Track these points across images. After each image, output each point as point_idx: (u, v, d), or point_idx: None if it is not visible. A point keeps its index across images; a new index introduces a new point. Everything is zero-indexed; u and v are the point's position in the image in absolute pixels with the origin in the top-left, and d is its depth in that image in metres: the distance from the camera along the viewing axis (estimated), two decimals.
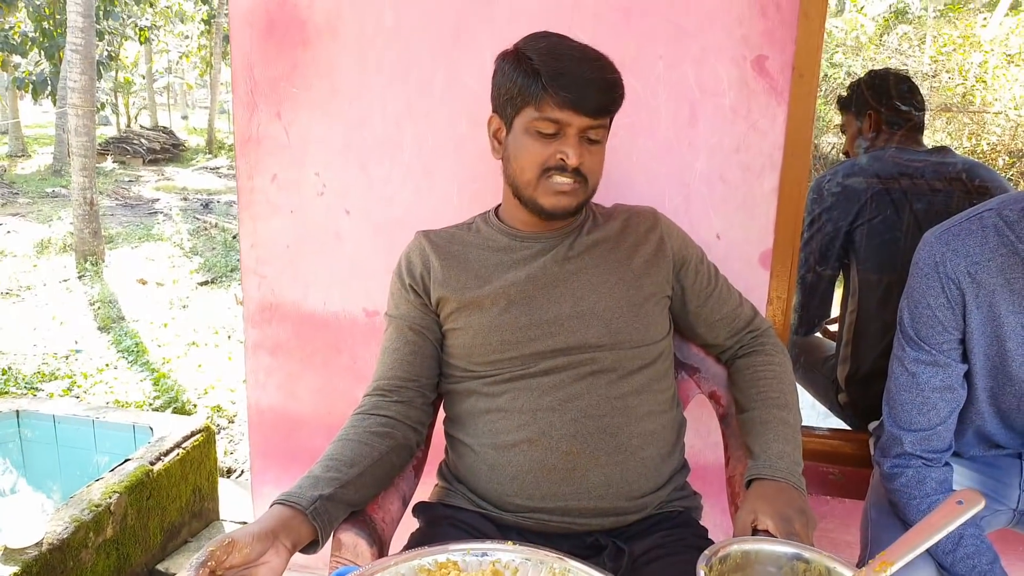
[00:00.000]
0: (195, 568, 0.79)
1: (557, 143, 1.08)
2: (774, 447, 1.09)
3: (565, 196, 1.11)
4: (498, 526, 1.13)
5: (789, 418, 1.15)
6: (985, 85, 5.24)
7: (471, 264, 1.19)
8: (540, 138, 1.09)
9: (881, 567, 0.79)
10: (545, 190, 1.11)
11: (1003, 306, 1.13)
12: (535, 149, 1.09)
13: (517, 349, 1.13)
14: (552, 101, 1.05)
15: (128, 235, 8.27)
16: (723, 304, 1.25)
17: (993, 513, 1.29)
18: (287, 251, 1.69)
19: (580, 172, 1.10)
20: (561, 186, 1.10)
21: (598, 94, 1.06)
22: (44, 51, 12.09)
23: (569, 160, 1.07)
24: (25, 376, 4.29)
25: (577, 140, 1.08)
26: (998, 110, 5.21)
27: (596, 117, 1.08)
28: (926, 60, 5.45)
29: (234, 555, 0.82)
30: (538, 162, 1.09)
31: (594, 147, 1.11)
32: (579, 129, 1.07)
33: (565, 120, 1.06)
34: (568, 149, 1.07)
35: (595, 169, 1.12)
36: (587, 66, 1.07)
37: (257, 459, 1.84)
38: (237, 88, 1.63)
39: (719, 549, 0.83)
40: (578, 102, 1.05)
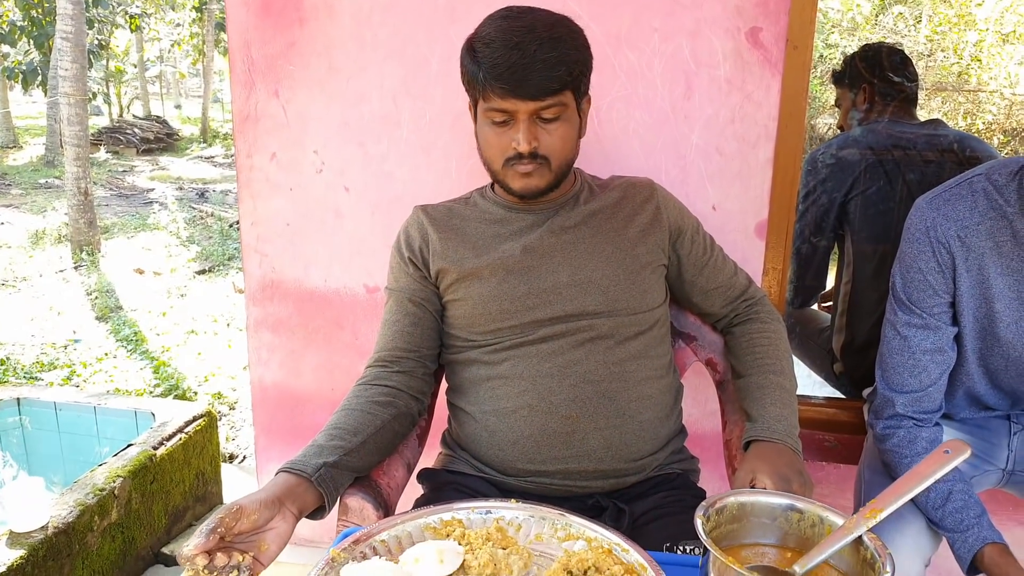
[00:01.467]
0: (205, 534, 0.80)
1: (511, 130, 1.10)
2: (771, 411, 1.12)
3: (530, 178, 1.13)
4: (501, 490, 1.15)
5: (785, 383, 1.18)
6: (980, 64, 5.24)
7: (469, 236, 1.21)
8: (495, 127, 1.11)
9: (871, 514, 0.82)
10: (512, 175, 1.14)
11: (992, 269, 1.15)
12: (493, 139, 1.12)
13: (516, 318, 1.15)
14: (493, 92, 1.07)
15: (124, 225, 8.25)
16: (719, 273, 1.27)
17: (983, 473, 1.32)
18: (287, 229, 1.71)
19: (538, 154, 1.11)
20: (524, 169, 1.12)
21: (538, 78, 1.05)
22: (33, 40, 11.99)
23: (520, 147, 1.09)
24: (24, 366, 4.30)
25: (528, 125, 1.09)
26: (993, 89, 5.22)
27: (541, 99, 1.07)
28: (921, 39, 5.44)
29: (242, 521, 0.84)
30: (499, 151, 1.12)
31: (551, 125, 1.10)
32: (527, 113, 1.08)
33: (511, 108, 1.08)
34: (518, 136, 1.09)
35: (555, 147, 1.12)
36: (523, 50, 1.04)
37: (261, 436, 1.87)
38: (234, 67, 1.64)
39: (716, 501, 0.86)
40: (516, 89, 1.05)
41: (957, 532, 1.13)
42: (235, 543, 0.84)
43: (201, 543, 0.79)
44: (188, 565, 0.79)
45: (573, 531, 0.92)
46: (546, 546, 0.91)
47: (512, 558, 0.87)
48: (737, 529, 0.88)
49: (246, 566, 0.82)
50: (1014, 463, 1.31)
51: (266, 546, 0.86)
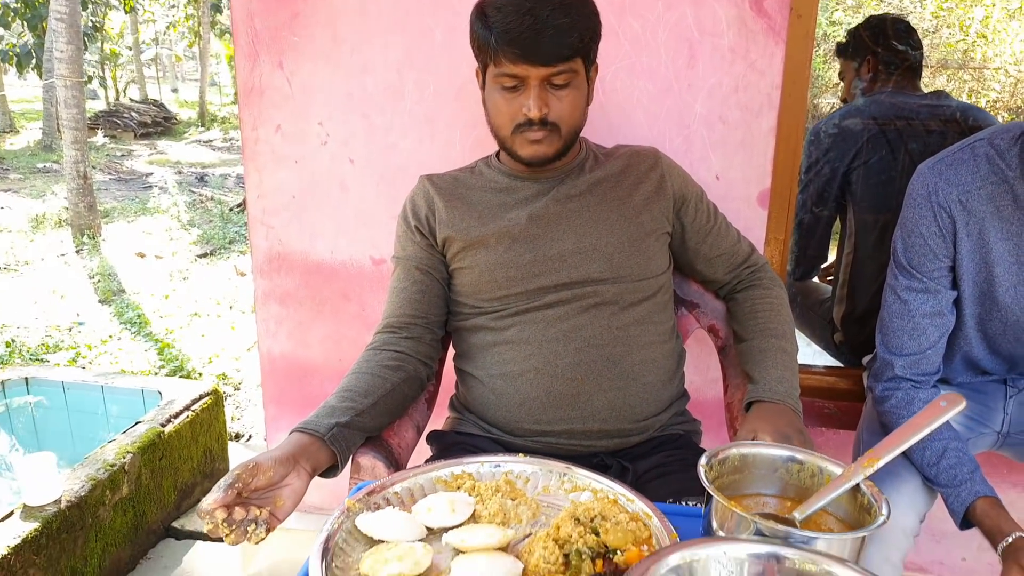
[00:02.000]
0: (223, 490, 0.82)
1: (521, 96, 1.11)
2: (772, 373, 1.14)
3: (540, 145, 1.14)
4: (508, 450, 1.18)
5: (786, 346, 1.20)
6: (986, 40, 5.21)
7: (475, 205, 1.22)
8: (505, 92, 1.12)
9: (869, 463, 0.84)
10: (521, 142, 1.14)
11: (992, 233, 1.17)
12: (502, 105, 1.13)
13: (522, 284, 1.17)
14: (505, 57, 1.07)
15: (124, 209, 8.24)
16: (722, 241, 1.29)
17: (978, 436, 1.35)
18: (293, 201, 1.72)
19: (548, 121, 1.11)
20: (534, 136, 1.13)
21: (550, 44, 1.06)
22: (27, 22, 11.89)
23: (530, 113, 1.10)
24: (30, 348, 4.33)
25: (539, 91, 1.09)
26: (998, 66, 5.18)
27: (552, 65, 1.07)
28: (927, 16, 5.40)
29: (259, 477, 0.86)
30: (508, 118, 1.13)
31: (563, 91, 1.11)
32: (539, 79, 1.08)
33: (522, 73, 1.08)
34: (529, 102, 1.09)
35: (565, 113, 1.13)
36: (536, 15, 1.05)
37: (270, 406, 1.89)
38: (238, 38, 1.64)
39: (719, 452, 0.88)
40: (528, 55, 1.06)
41: (951, 487, 1.15)
42: (252, 499, 0.86)
43: (220, 497, 0.82)
44: (208, 519, 0.82)
45: (579, 483, 0.95)
46: (553, 497, 0.94)
47: (521, 508, 0.90)
48: (739, 480, 0.90)
49: (263, 520, 0.84)
50: (1009, 426, 1.34)
51: (282, 502, 0.88)
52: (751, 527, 0.77)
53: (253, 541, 0.83)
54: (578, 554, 0.79)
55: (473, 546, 0.81)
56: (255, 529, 0.83)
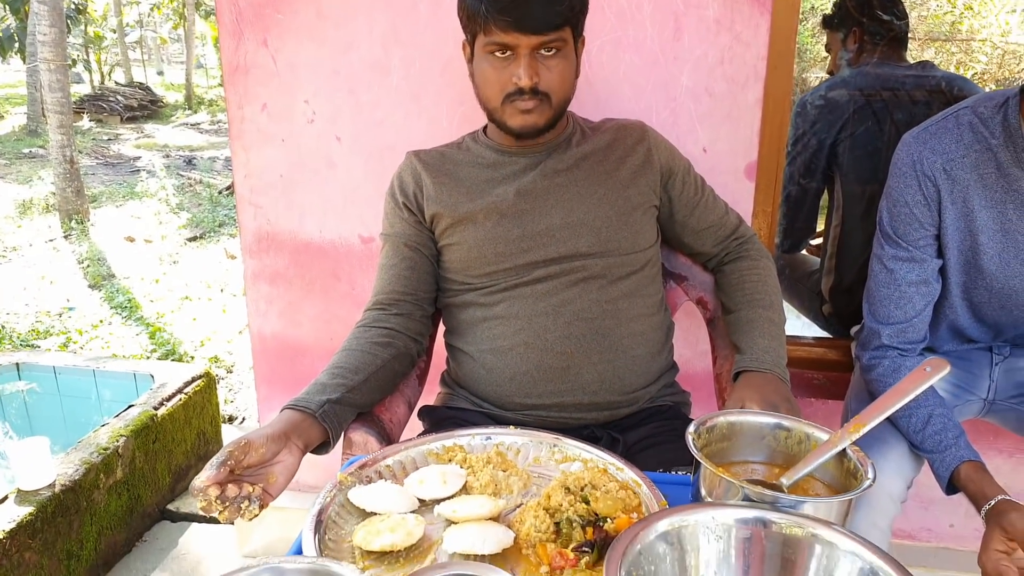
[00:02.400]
0: (216, 466, 0.83)
1: (512, 65, 1.10)
2: (760, 343, 1.15)
3: (530, 115, 1.13)
4: (499, 423, 1.19)
5: (774, 316, 1.21)
6: (973, 12, 5.19)
7: (462, 181, 1.22)
8: (495, 61, 1.11)
9: (855, 428, 0.86)
10: (511, 112, 1.14)
11: (976, 201, 1.17)
12: (492, 75, 1.12)
13: (511, 260, 1.18)
14: (496, 25, 1.07)
15: (112, 194, 8.17)
16: (709, 214, 1.29)
17: (965, 403, 1.37)
18: (280, 180, 1.71)
19: (538, 90, 1.11)
20: (524, 105, 1.12)
21: (541, 11, 1.06)
22: (9, 6, 11.68)
23: (521, 82, 1.09)
24: (20, 334, 4.31)
25: (529, 59, 1.09)
26: (984, 38, 5.17)
27: (543, 33, 1.07)
28: None
29: (251, 454, 0.86)
30: (498, 88, 1.12)
31: (553, 60, 1.11)
32: (529, 48, 1.08)
33: (512, 42, 1.08)
34: (520, 70, 1.09)
35: (555, 83, 1.12)
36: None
37: (262, 386, 1.90)
38: (222, 16, 1.62)
39: (707, 420, 0.89)
40: (519, 23, 1.06)
41: (936, 452, 1.17)
42: (244, 476, 0.87)
43: (213, 475, 0.82)
44: (201, 496, 0.82)
45: (570, 453, 0.96)
46: (544, 468, 0.95)
47: (512, 479, 0.91)
48: (727, 447, 0.92)
49: (256, 496, 0.85)
50: (995, 393, 1.36)
51: (274, 478, 0.89)
52: (739, 493, 0.79)
53: (247, 518, 0.84)
54: (568, 522, 0.81)
55: (465, 516, 0.83)
56: (248, 506, 0.84)
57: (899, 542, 1.83)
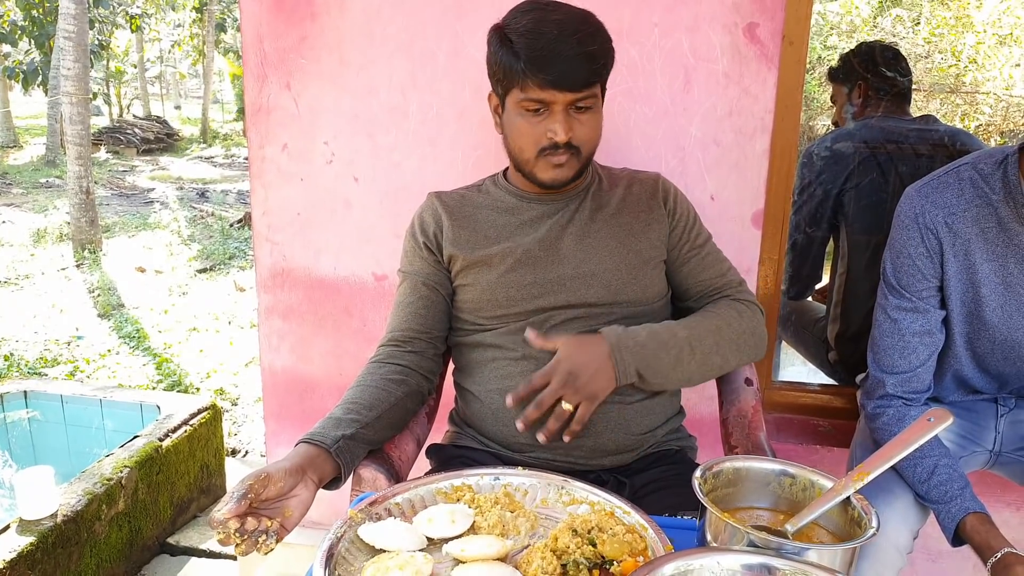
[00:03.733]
0: (238, 499, 0.84)
1: (546, 120, 1.13)
2: (638, 329, 1.14)
3: (561, 168, 1.16)
4: (506, 463, 1.20)
5: (680, 330, 1.15)
6: (978, 66, 5.30)
7: (480, 224, 1.25)
8: (529, 116, 1.14)
9: (859, 477, 0.87)
10: (543, 167, 1.17)
11: (978, 254, 1.20)
12: (526, 129, 1.15)
13: (522, 305, 1.20)
14: (533, 83, 1.09)
15: (125, 224, 8.29)
16: (704, 270, 1.25)
17: (971, 454, 1.37)
18: (298, 218, 1.75)
19: (571, 144, 1.14)
20: (556, 160, 1.15)
21: (578, 70, 1.09)
22: (34, 40, 12.04)
23: (557, 137, 1.12)
24: (28, 362, 4.34)
25: (564, 115, 1.12)
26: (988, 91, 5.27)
27: (580, 91, 1.10)
28: (919, 41, 5.49)
29: (270, 488, 0.88)
30: (531, 143, 1.15)
31: (585, 115, 1.14)
32: (565, 104, 1.11)
33: (549, 99, 1.11)
34: (555, 126, 1.12)
35: (587, 138, 1.16)
36: (565, 42, 1.08)
37: (271, 421, 1.91)
38: (247, 60, 1.68)
39: (713, 465, 0.90)
40: (558, 81, 1.09)
41: (942, 503, 1.17)
42: (261, 509, 0.88)
43: (234, 507, 0.83)
44: (220, 528, 0.83)
45: (577, 496, 0.97)
46: (551, 510, 0.96)
47: (520, 520, 0.92)
48: (733, 493, 0.93)
49: (274, 531, 0.86)
50: (1001, 444, 1.36)
51: (290, 512, 0.90)
52: (744, 539, 0.79)
53: (263, 551, 0.84)
54: (575, 564, 0.81)
55: (472, 556, 0.83)
56: (265, 540, 0.85)
57: None
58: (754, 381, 1.34)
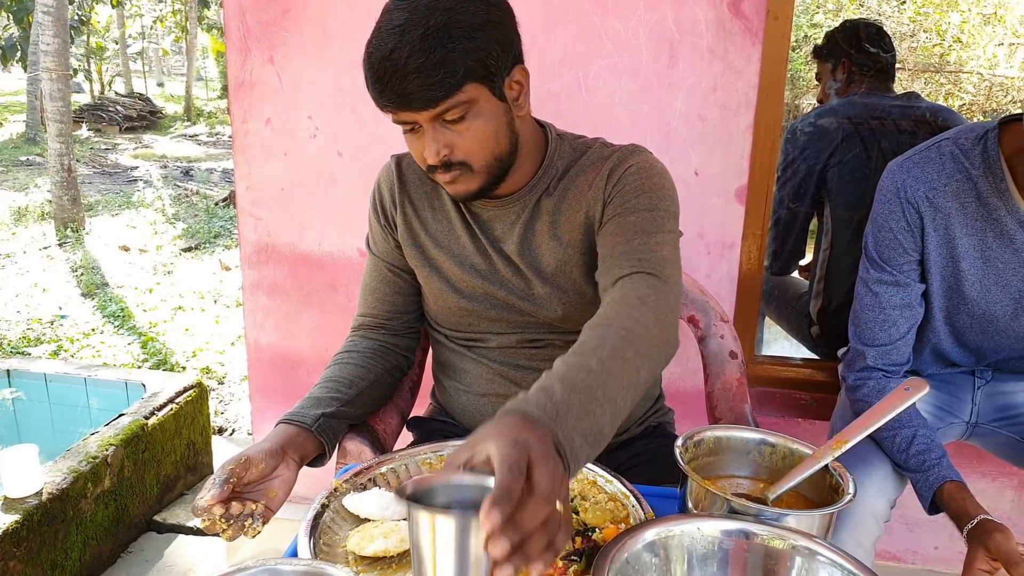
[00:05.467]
0: (220, 484, 0.83)
1: (421, 139, 0.98)
2: (547, 382, 0.77)
3: (457, 184, 1.01)
4: None
5: (596, 361, 0.79)
6: (962, 45, 5.31)
7: (433, 214, 1.14)
8: (410, 137, 1.00)
9: (837, 445, 0.89)
10: (441, 182, 1.03)
11: (957, 228, 1.22)
12: (412, 147, 1.01)
13: (475, 315, 1.14)
14: (385, 108, 0.96)
15: (108, 203, 8.18)
16: (622, 233, 1.01)
17: (948, 426, 1.40)
18: (282, 193, 1.74)
19: (452, 162, 0.98)
20: (445, 179, 1.01)
21: (420, 87, 0.90)
22: (13, 15, 11.76)
23: (428, 160, 0.98)
24: (11, 341, 4.30)
25: (433, 133, 0.95)
26: (971, 69, 5.29)
27: (435, 106, 0.92)
28: (905, 20, 5.49)
29: (251, 471, 0.87)
30: (420, 161, 1.01)
31: (460, 126, 0.95)
32: (428, 121, 0.94)
33: (409, 119, 0.95)
34: (424, 149, 0.97)
35: (470, 149, 0.97)
36: (396, 60, 0.90)
37: (257, 397, 1.91)
38: (230, 33, 1.66)
39: (694, 434, 0.92)
40: (404, 103, 0.92)
41: (919, 472, 1.20)
42: (245, 493, 0.87)
43: (216, 493, 0.82)
44: (205, 515, 0.82)
45: None
46: None
47: None
48: (714, 462, 0.94)
49: (259, 514, 0.86)
50: (977, 416, 1.39)
51: (274, 493, 0.90)
52: (724, 506, 0.81)
53: (250, 535, 0.85)
54: None
55: None
56: (251, 523, 0.85)
57: (885, 563, 1.85)
58: (739, 355, 1.36)
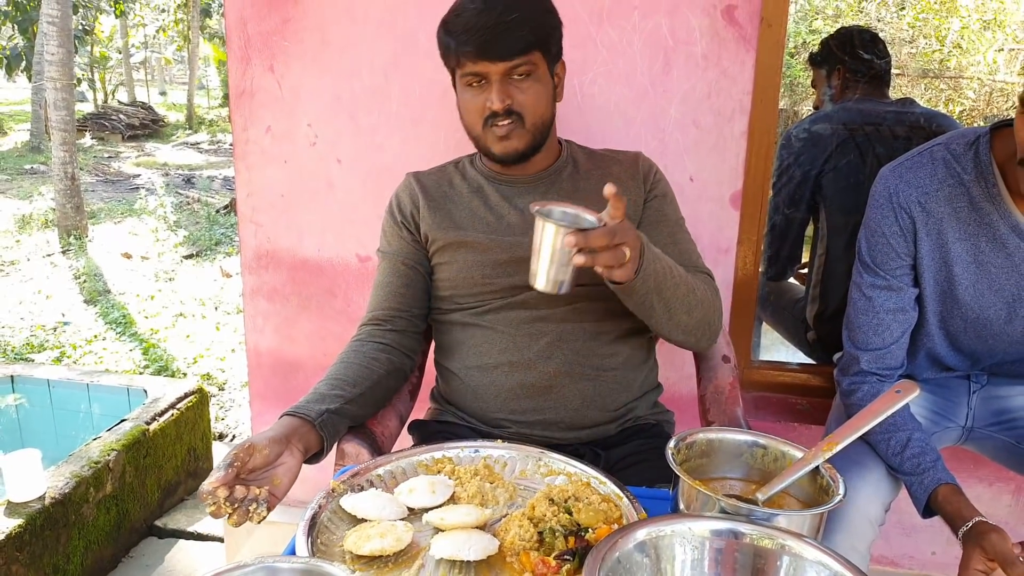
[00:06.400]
0: (223, 468, 0.85)
1: (486, 91, 1.16)
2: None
3: (509, 140, 1.18)
4: (486, 438, 1.21)
5: (683, 275, 1.11)
6: (961, 51, 5.33)
7: (456, 204, 1.27)
8: (472, 91, 1.17)
9: (828, 447, 0.89)
10: (491, 139, 1.19)
11: (950, 233, 1.23)
12: (470, 103, 1.18)
13: (496, 283, 1.21)
14: (465, 57, 1.14)
15: (110, 210, 8.22)
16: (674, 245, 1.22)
17: (943, 430, 1.40)
18: (281, 200, 1.76)
19: (512, 111, 1.16)
20: (500, 130, 1.17)
21: (502, 38, 1.11)
22: (18, 25, 11.86)
23: (492, 105, 1.15)
24: (14, 347, 4.32)
25: (500, 84, 1.14)
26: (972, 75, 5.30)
27: (510, 59, 1.13)
28: (904, 26, 5.51)
29: (255, 456, 0.89)
30: (476, 116, 1.18)
31: (524, 84, 1.16)
32: (499, 74, 1.14)
33: (483, 70, 1.14)
34: (492, 95, 1.15)
35: (529, 104, 1.17)
36: (488, 14, 1.11)
37: (257, 401, 1.92)
38: (231, 43, 1.68)
39: (686, 436, 0.93)
40: (484, 51, 1.12)
41: (914, 475, 1.20)
42: (249, 479, 0.89)
43: (220, 476, 0.84)
44: (210, 498, 0.84)
45: (555, 467, 0.99)
46: (530, 481, 0.99)
47: (498, 491, 0.94)
48: (706, 463, 0.95)
49: (264, 499, 0.87)
50: (973, 420, 1.39)
51: (278, 480, 0.91)
52: (716, 506, 0.82)
53: (255, 520, 0.86)
54: (551, 532, 0.84)
55: (452, 524, 0.86)
56: (256, 508, 0.86)
57: (881, 568, 1.85)
58: (731, 359, 1.37)
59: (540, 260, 0.96)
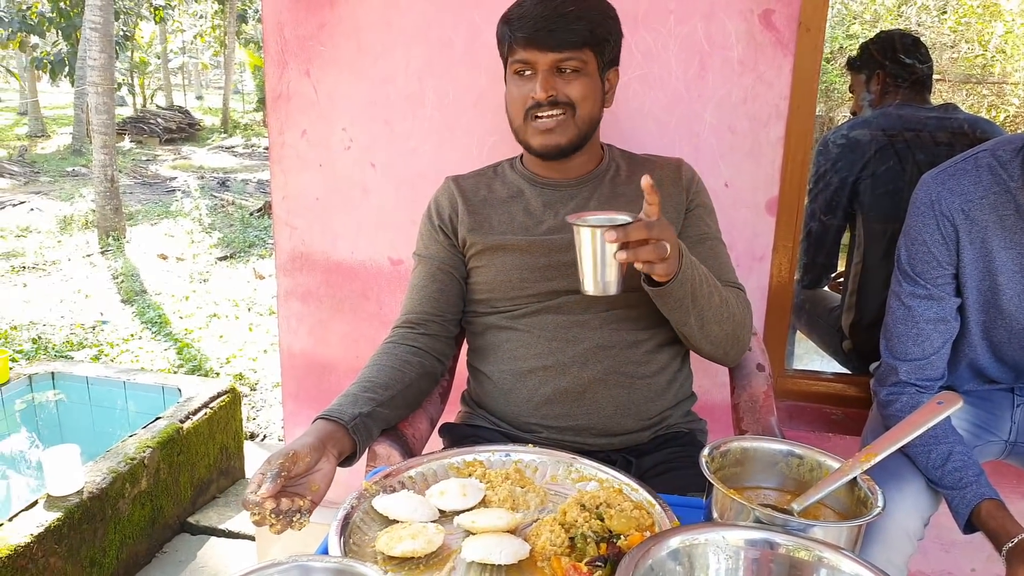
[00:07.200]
0: (272, 479, 0.85)
1: (531, 81, 1.16)
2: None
3: (551, 134, 1.17)
4: (516, 442, 1.21)
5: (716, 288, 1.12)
6: (1005, 56, 5.19)
7: (494, 209, 1.27)
8: (518, 80, 1.18)
9: (866, 458, 0.88)
10: (533, 131, 1.18)
11: (995, 242, 1.19)
12: (515, 93, 1.19)
13: (535, 287, 1.21)
14: (516, 43, 1.15)
15: (147, 212, 8.42)
16: (712, 259, 1.22)
17: (985, 444, 1.36)
18: (316, 203, 1.78)
19: (559, 102, 1.15)
20: (544, 124, 1.17)
21: (555, 29, 1.12)
22: (61, 31, 12.23)
23: (535, 95, 1.15)
24: (55, 345, 4.44)
25: (546, 75, 1.14)
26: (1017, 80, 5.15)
27: (559, 51, 1.13)
28: (945, 30, 5.39)
29: (298, 464, 0.90)
30: (520, 104, 1.18)
31: (572, 76, 1.16)
32: (548, 65, 1.14)
33: (531, 59, 1.15)
34: (535, 85, 1.15)
35: (576, 95, 1.16)
36: (543, 6, 1.13)
37: (289, 402, 1.95)
38: (268, 47, 1.71)
39: (721, 444, 0.92)
40: (535, 39, 1.13)
41: (956, 490, 1.17)
42: (289, 485, 0.90)
43: (270, 488, 0.85)
44: (256, 510, 0.85)
45: (586, 473, 0.99)
46: (561, 486, 0.98)
47: (529, 495, 0.94)
48: (740, 472, 0.94)
49: (306, 509, 0.88)
50: (1017, 434, 1.35)
51: (316, 486, 0.92)
52: (750, 516, 0.81)
53: (297, 528, 0.87)
54: (583, 537, 0.83)
55: (483, 527, 0.86)
56: (299, 517, 0.87)
57: None
58: (766, 367, 1.35)
59: (583, 265, 0.98)
